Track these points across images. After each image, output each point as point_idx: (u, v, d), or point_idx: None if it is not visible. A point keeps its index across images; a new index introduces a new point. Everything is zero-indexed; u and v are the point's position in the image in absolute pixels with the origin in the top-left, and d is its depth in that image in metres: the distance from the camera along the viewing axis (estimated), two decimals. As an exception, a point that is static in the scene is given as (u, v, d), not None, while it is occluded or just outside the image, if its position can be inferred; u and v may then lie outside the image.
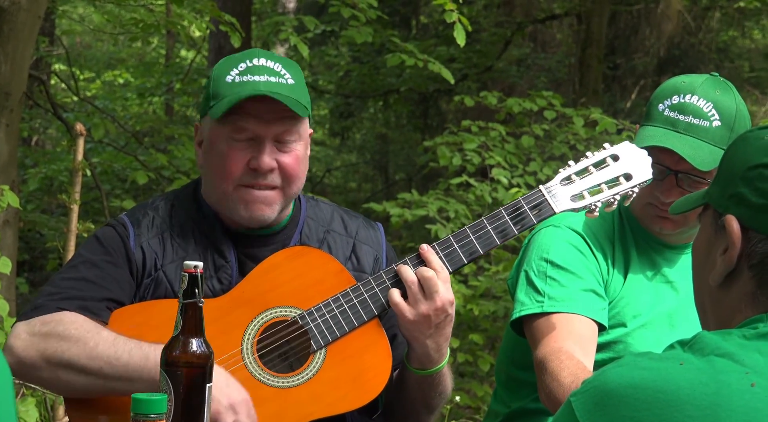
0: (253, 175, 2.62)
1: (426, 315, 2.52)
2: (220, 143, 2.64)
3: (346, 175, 16.03)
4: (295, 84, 2.64)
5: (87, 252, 2.67)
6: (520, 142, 7.88)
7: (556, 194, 2.64)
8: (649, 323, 2.87)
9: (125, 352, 2.45)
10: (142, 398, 2.05)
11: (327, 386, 2.54)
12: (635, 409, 1.52)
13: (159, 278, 2.63)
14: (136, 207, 2.79)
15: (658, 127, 2.77)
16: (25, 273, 10.38)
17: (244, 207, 2.64)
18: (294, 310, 2.58)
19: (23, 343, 2.52)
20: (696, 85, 2.79)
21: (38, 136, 13.44)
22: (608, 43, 12.56)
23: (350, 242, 2.78)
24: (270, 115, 2.60)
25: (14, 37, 5.65)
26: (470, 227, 2.62)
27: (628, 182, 2.66)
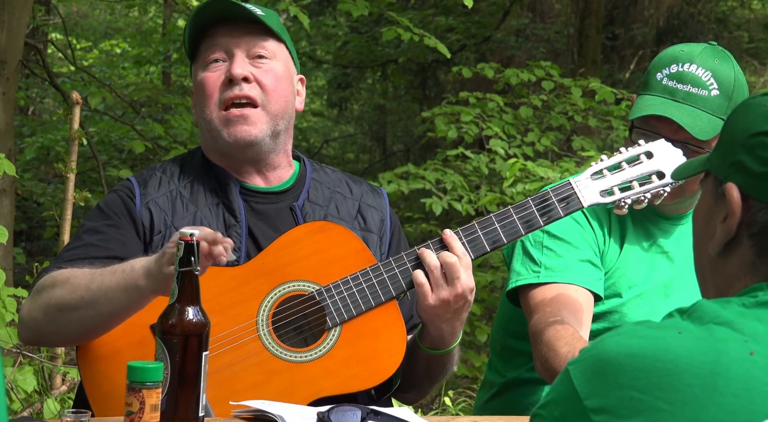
0: (230, 87, 2.66)
1: (446, 301, 2.52)
2: (200, 74, 2.71)
3: (343, 145, 16.01)
4: (266, 15, 2.70)
5: (90, 221, 2.69)
6: (518, 113, 7.87)
7: (585, 188, 2.61)
8: (645, 293, 2.87)
9: (98, 275, 2.46)
10: (138, 366, 2.05)
11: (340, 364, 2.54)
12: (633, 377, 1.52)
13: (171, 234, 2.62)
14: (144, 169, 2.80)
15: (656, 96, 2.75)
16: (22, 243, 10.38)
17: (226, 131, 2.67)
18: (312, 285, 2.57)
19: (25, 309, 2.57)
20: (695, 54, 2.77)
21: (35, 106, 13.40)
22: (607, 13, 12.51)
23: (356, 204, 2.79)
24: (238, 31, 2.68)
25: (10, 4, 5.62)
26: (496, 215, 2.60)
27: (660, 181, 2.62)
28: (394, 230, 2.83)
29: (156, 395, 2.06)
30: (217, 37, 2.69)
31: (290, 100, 2.73)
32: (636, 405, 1.51)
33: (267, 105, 2.67)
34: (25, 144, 10.51)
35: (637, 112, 2.74)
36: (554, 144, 7.91)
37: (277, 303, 2.56)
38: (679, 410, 1.49)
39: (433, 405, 6.54)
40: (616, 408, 1.52)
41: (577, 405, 1.55)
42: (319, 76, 15.47)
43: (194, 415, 2.14)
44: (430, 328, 2.60)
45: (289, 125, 2.75)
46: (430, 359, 2.66)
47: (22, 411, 4.86)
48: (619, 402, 1.52)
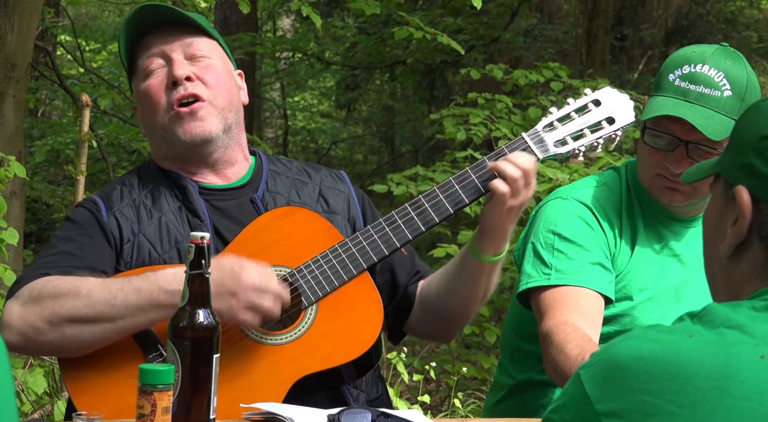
0: (174, 89, 2.69)
1: (521, 204, 2.59)
2: (141, 85, 2.75)
3: (352, 146, 16.02)
4: (195, 15, 2.75)
5: (61, 231, 2.70)
6: (526, 114, 7.86)
7: (539, 140, 2.66)
8: (656, 296, 2.86)
9: (119, 290, 2.46)
10: (149, 369, 2.06)
11: (320, 340, 2.55)
12: (644, 381, 1.52)
13: (140, 242, 2.64)
14: (104, 187, 2.83)
15: (668, 96, 2.75)
16: (32, 244, 10.40)
17: (180, 130, 2.69)
18: (284, 269, 2.59)
19: (17, 315, 2.50)
20: (707, 55, 2.77)
21: (44, 108, 13.43)
22: (615, 14, 12.50)
23: (316, 188, 2.82)
24: (172, 35, 2.72)
25: (20, 7, 5.64)
26: (455, 177, 2.64)
27: (611, 126, 2.69)
28: (365, 207, 2.86)
29: (167, 397, 2.06)
30: (152, 45, 2.73)
31: (234, 93, 2.76)
32: (647, 409, 1.51)
33: (213, 100, 2.70)
34: (35, 147, 10.53)
35: (649, 113, 2.74)
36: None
37: None
38: (690, 413, 1.49)
39: (442, 407, 6.54)
40: (628, 412, 1.52)
41: (589, 409, 1.56)
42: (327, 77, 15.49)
43: (205, 418, 2.15)
44: (496, 234, 2.64)
45: (239, 119, 2.78)
46: (490, 269, 2.70)
47: (33, 413, 4.88)
48: (631, 406, 1.52)
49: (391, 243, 2.63)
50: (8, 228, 4.56)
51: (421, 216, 2.64)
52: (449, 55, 11.75)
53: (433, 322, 2.83)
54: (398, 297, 2.83)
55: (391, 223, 2.64)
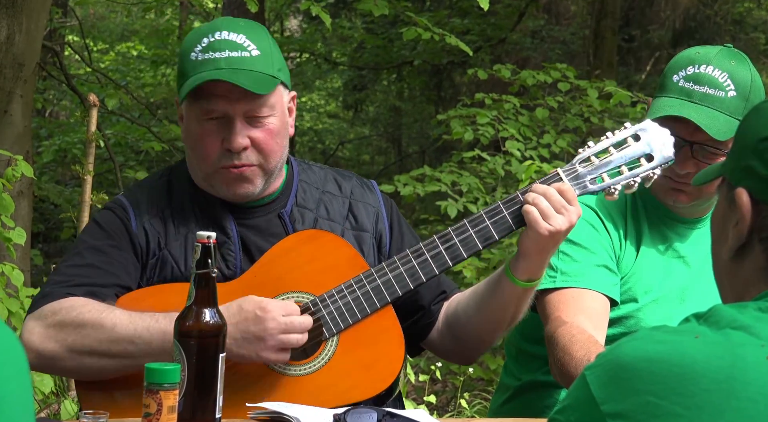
0: (228, 155, 2.58)
1: (559, 230, 2.50)
2: (193, 124, 2.61)
3: (359, 147, 16.01)
4: (260, 55, 2.58)
5: (90, 237, 2.64)
6: (534, 115, 7.85)
7: (574, 176, 2.58)
8: (661, 298, 2.86)
9: (144, 330, 2.44)
10: (156, 368, 2.06)
11: (339, 374, 2.52)
12: (650, 383, 1.52)
13: (164, 257, 2.61)
14: (132, 186, 2.76)
15: (673, 97, 2.75)
16: (39, 244, 10.42)
17: (226, 187, 2.62)
18: (307, 296, 2.55)
19: (39, 337, 2.49)
20: (711, 56, 2.77)
21: (52, 108, 13.45)
22: (623, 15, 12.49)
23: (346, 202, 2.75)
24: (235, 93, 2.55)
25: (28, 7, 5.65)
26: (486, 212, 2.58)
27: (649, 163, 2.59)
28: (393, 221, 2.79)
29: (173, 396, 2.07)
30: (214, 96, 2.57)
31: (284, 143, 2.65)
32: (653, 410, 1.51)
33: (265, 164, 2.61)
34: (42, 147, 10.55)
35: (654, 113, 2.74)
36: (570, 146, 7.90)
37: None
38: (696, 415, 1.49)
39: (448, 407, 6.54)
40: (633, 413, 1.52)
41: (594, 410, 1.56)
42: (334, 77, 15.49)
43: (211, 417, 2.15)
44: (533, 259, 2.56)
45: (284, 158, 2.68)
46: (521, 294, 2.61)
47: (40, 413, 4.88)
48: (636, 408, 1.52)
49: (417, 277, 2.58)
50: (16, 227, 4.57)
51: (449, 251, 2.59)
52: (456, 56, 11.74)
53: (455, 342, 2.75)
54: (419, 315, 2.76)
55: (419, 256, 2.58)
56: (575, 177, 2.58)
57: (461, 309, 2.73)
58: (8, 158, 4.75)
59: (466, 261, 6.75)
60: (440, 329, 2.77)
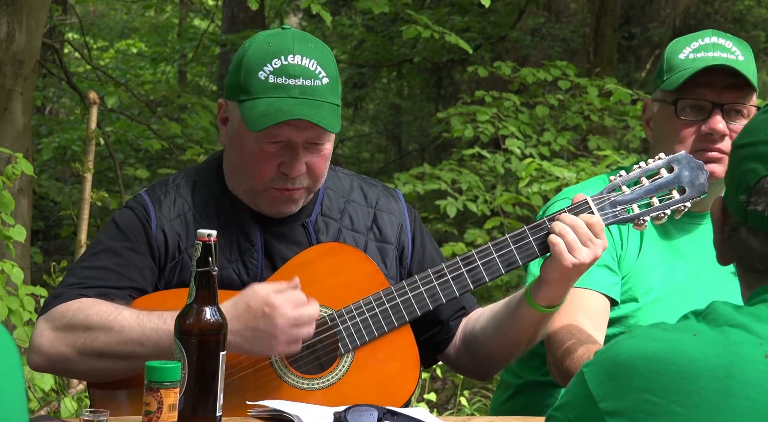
0: (283, 178, 2.56)
1: (583, 262, 2.48)
2: (250, 142, 2.56)
3: (359, 145, 16.00)
4: (329, 82, 2.56)
5: (107, 238, 2.61)
6: (534, 112, 7.86)
7: (603, 206, 2.56)
8: (662, 297, 2.86)
9: (153, 331, 2.43)
10: (156, 366, 2.06)
11: (352, 391, 2.51)
12: (648, 381, 1.52)
13: (184, 261, 2.58)
14: (156, 184, 2.72)
15: (687, 68, 2.77)
16: (39, 242, 10.42)
17: (270, 204, 2.60)
18: (325, 310, 2.54)
19: (48, 340, 2.49)
20: (705, 32, 2.84)
21: (52, 105, 13.45)
22: (623, 13, 12.48)
23: (371, 212, 2.73)
24: (305, 123, 2.52)
25: (28, 5, 5.65)
26: (511, 236, 2.56)
27: (681, 196, 2.57)
28: (416, 233, 2.77)
29: (174, 395, 2.07)
30: (284, 125, 2.52)
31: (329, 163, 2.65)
32: (650, 408, 1.51)
33: (312, 187, 2.62)
34: (42, 144, 10.54)
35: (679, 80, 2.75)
36: (570, 143, 7.91)
37: None
38: (693, 413, 1.49)
39: (448, 405, 6.55)
40: (631, 411, 1.52)
41: (592, 407, 1.56)
42: (334, 75, 15.46)
43: (212, 415, 2.15)
44: (555, 287, 2.54)
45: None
46: (540, 318, 2.60)
47: (40, 410, 4.88)
48: (634, 405, 1.52)
49: (437, 298, 2.57)
50: (16, 225, 4.57)
51: (471, 274, 2.57)
52: (456, 54, 11.74)
53: (472, 360, 2.74)
54: (437, 330, 2.75)
55: (440, 277, 2.57)
56: (604, 207, 2.56)
57: (479, 329, 2.72)
58: (8, 156, 4.75)
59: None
60: (457, 345, 2.76)
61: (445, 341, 2.76)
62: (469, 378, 3.24)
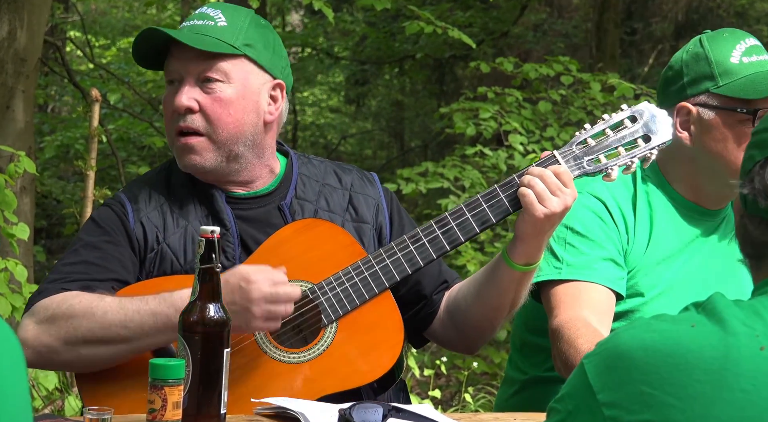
0: (177, 117, 2.62)
1: (554, 213, 2.50)
2: (165, 90, 2.69)
3: (361, 142, 16.00)
4: (227, 26, 2.63)
5: (86, 235, 2.64)
6: (536, 108, 7.84)
7: (571, 158, 2.59)
8: (667, 292, 2.85)
9: (135, 313, 2.44)
10: (160, 363, 2.06)
11: (338, 360, 2.53)
12: (645, 372, 1.52)
13: (163, 251, 2.61)
14: (132, 182, 2.76)
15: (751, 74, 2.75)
16: (42, 240, 10.42)
17: (179, 158, 2.65)
18: (305, 284, 2.55)
19: (33, 333, 2.50)
20: (738, 33, 2.82)
21: (54, 103, 13.45)
22: (625, 8, 12.47)
23: (346, 194, 2.75)
24: (188, 54, 2.60)
25: (29, 3, 5.64)
26: (482, 195, 2.59)
27: (647, 144, 2.60)
28: (393, 214, 2.79)
29: (178, 392, 2.06)
30: (172, 58, 2.64)
31: (245, 120, 2.63)
32: (646, 399, 1.51)
33: (212, 134, 2.61)
34: (44, 142, 10.54)
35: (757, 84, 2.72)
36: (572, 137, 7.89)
37: None
38: (689, 405, 1.49)
39: (453, 401, 6.54)
40: (627, 403, 1.52)
41: (591, 398, 1.56)
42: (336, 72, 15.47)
43: (216, 412, 2.15)
44: (530, 242, 2.56)
45: (254, 142, 2.65)
46: (520, 278, 2.61)
47: (44, 409, 4.88)
48: (630, 397, 1.53)
49: (415, 263, 2.58)
50: (19, 223, 4.57)
51: (446, 235, 2.59)
52: (459, 50, 11.73)
53: (457, 330, 2.76)
54: (421, 305, 2.77)
55: (416, 241, 2.58)
56: (571, 158, 2.59)
57: (461, 297, 2.74)
58: (11, 154, 4.75)
59: (470, 255, 6.74)
60: (442, 318, 2.77)
61: (430, 315, 2.77)
62: (457, 352, 3.24)
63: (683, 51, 2.86)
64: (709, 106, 2.78)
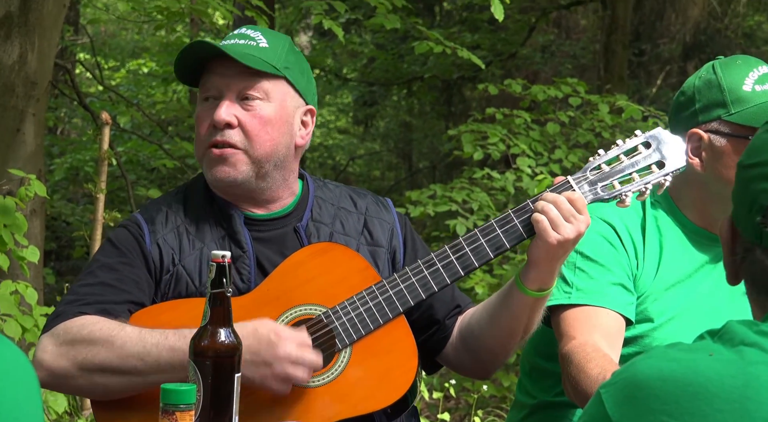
0: (215, 131, 2.63)
1: (567, 239, 2.50)
2: (198, 107, 2.71)
3: (369, 163, 16.03)
4: (268, 47, 2.67)
5: (102, 256, 2.65)
6: (545, 130, 7.86)
7: (584, 184, 2.59)
8: (676, 318, 2.84)
9: (153, 347, 2.44)
10: (171, 388, 2.06)
11: (352, 385, 2.52)
12: (664, 402, 1.51)
13: (179, 273, 2.61)
14: (149, 203, 2.77)
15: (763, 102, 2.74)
16: (52, 263, 10.44)
17: (209, 169, 2.65)
18: (319, 308, 2.55)
19: (51, 355, 2.50)
20: (751, 60, 2.81)
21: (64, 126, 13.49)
22: (633, 29, 12.49)
23: (361, 218, 2.76)
24: (231, 70, 2.63)
25: (40, 26, 5.67)
26: (497, 220, 2.59)
27: (661, 170, 2.60)
28: (407, 238, 2.80)
29: (189, 417, 2.06)
30: (212, 74, 2.66)
31: (280, 140, 2.66)
32: None
33: (249, 149, 2.63)
34: (54, 165, 10.57)
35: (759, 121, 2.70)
36: (581, 161, 7.90)
37: None
38: None
39: (461, 423, 6.52)
40: None
41: (610, 429, 1.55)
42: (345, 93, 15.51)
43: (227, 437, 2.14)
44: (542, 268, 2.56)
45: (284, 162, 2.68)
46: (533, 304, 2.61)
47: (53, 431, 4.88)
48: None
49: (429, 287, 2.58)
50: (29, 246, 4.58)
51: (460, 260, 2.59)
52: (467, 71, 11.76)
53: (470, 356, 2.75)
54: (434, 330, 2.76)
55: (430, 266, 2.58)
56: (585, 184, 2.59)
57: (474, 322, 2.73)
58: (21, 178, 4.76)
59: (478, 278, 6.73)
60: (455, 343, 2.77)
61: (443, 340, 2.77)
62: (469, 377, 3.23)
63: (696, 77, 2.85)
64: (720, 133, 2.78)
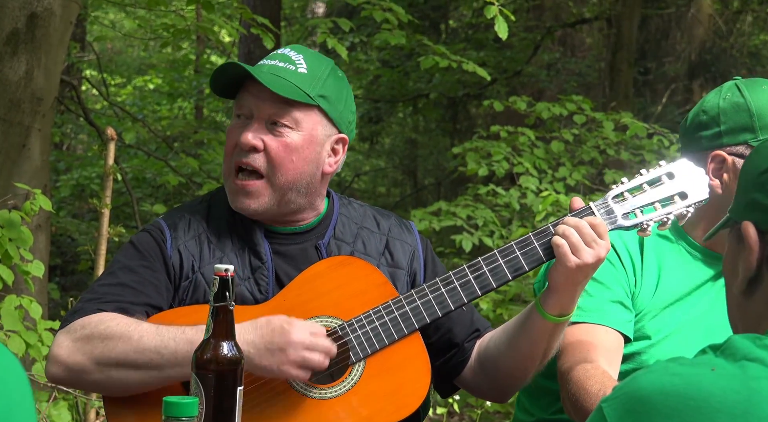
0: (240, 151, 2.64)
1: (587, 264, 2.50)
2: (231, 122, 2.71)
3: (374, 179, 16.04)
4: (306, 74, 2.65)
5: (124, 257, 2.67)
6: (549, 147, 7.86)
7: (607, 211, 2.58)
8: (673, 335, 2.84)
9: (171, 340, 2.46)
10: (174, 401, 2.06)
11: (364, 399, 2.53)
12: (666, 416, 1.51)
13: (197, 280, 2.63)
14: (172, 209, 2.79)
15: None
16: (57, 278, 10.45)
17: (231, 197, 2.67)
18: (335, 320, 2.56)
19: (67, 350, 2.52)
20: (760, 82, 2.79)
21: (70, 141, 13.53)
22: (639, 47, 12.51)
23: (383, 239, 2.77)
24: (264, 94, 2.62)
25: (46, 42, 5.69)
26: (516, 243, 2.59)
27: (683, 201, 2.60)
28: (428, 261, 2.80)
29: (191, 430, 2.07)
30: (246, 93, 2.66)
31: (304, 169, 2.65)
32: None
33: (272, 177, 2.64)
34: (60, 181, 10.60)
35: None
36: (586, 178, 7.90)
37: None
38: None
39: (465, 440, 6.50)
40: None
41: (611, 443, 1.55)
42: (350, 110, 15.51)
43: (229, 450, 2.15)
44: (563, 293, 2.56)
45: (308, 189, 2.68)
46: (553, 329, 2.61)
47: (57, 446, 4.88)
48: None
49: (446, 305, 2.59)
50: (34, 260, 4.58)
51: (478, 280, 2.59)
52: (472, 88, 11.78)
53: (488, 379, 2.76)
54: (452, 353, 2.77)
55: (447, 284, 2.59)
56: (607, 211, 2.59)
57: (493, 346, 2.73)
58: (26, 192, 4.78)
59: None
60: (473, 366, 2.77)
61: (462, 363, 2.77)
62: (488, 400, 3.22)
63: (719, 97, 2.80)
64: (745, 157, 2.78)
